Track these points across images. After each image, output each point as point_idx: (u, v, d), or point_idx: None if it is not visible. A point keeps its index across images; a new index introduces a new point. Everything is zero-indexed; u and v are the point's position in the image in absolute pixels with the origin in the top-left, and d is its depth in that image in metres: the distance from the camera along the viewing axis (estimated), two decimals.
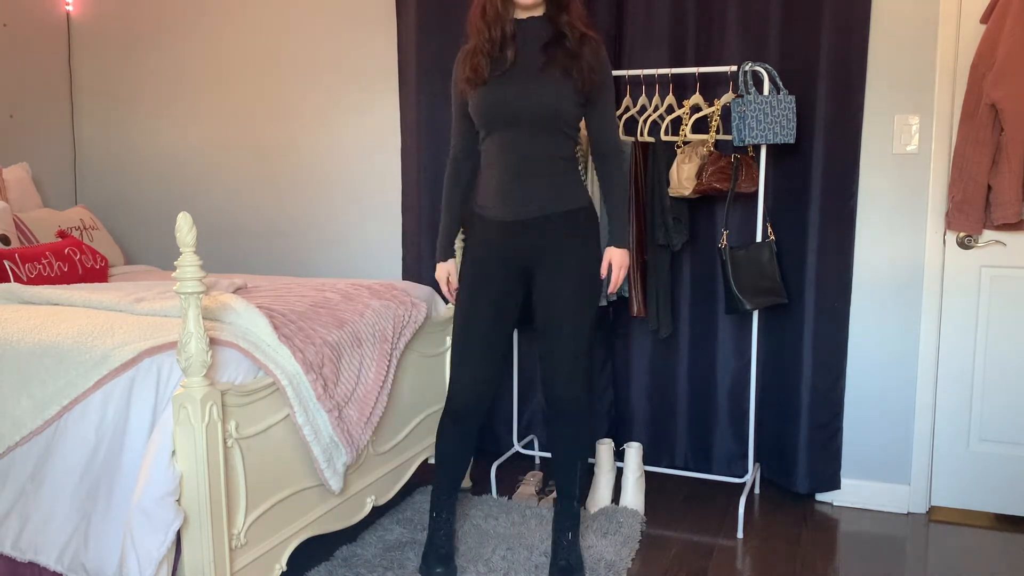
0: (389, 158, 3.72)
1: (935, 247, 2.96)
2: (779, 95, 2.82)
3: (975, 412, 3.00)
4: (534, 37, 2.29)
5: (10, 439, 2.09)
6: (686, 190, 2.92)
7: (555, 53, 2.26)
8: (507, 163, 2.29)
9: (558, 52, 2.25)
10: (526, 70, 2.27)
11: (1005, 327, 2.95)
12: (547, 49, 2.27)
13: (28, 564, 2.04)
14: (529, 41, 2.29)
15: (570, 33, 2.26)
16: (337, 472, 2.36)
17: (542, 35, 2.28)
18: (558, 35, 2.27)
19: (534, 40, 2.28)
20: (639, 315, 3.11)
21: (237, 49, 3.94)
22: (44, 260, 3.04)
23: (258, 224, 4.02)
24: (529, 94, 2.24)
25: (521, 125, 2.26)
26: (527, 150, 2.28)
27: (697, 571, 2.62)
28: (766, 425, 3.22)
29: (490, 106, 2.27)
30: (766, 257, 2.96)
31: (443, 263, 2.55)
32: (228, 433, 2.00)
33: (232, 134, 4.01)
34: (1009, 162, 2.71)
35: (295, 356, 2.21)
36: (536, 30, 2.29)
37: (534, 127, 2.26)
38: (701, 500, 3.17)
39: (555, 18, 2.27)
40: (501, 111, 2.26)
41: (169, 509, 1.86)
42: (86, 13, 4.20)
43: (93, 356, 2.06)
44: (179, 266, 1.89)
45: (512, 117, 2.26)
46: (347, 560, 2.60)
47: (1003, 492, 2.99)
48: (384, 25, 3.64)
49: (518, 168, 2.29)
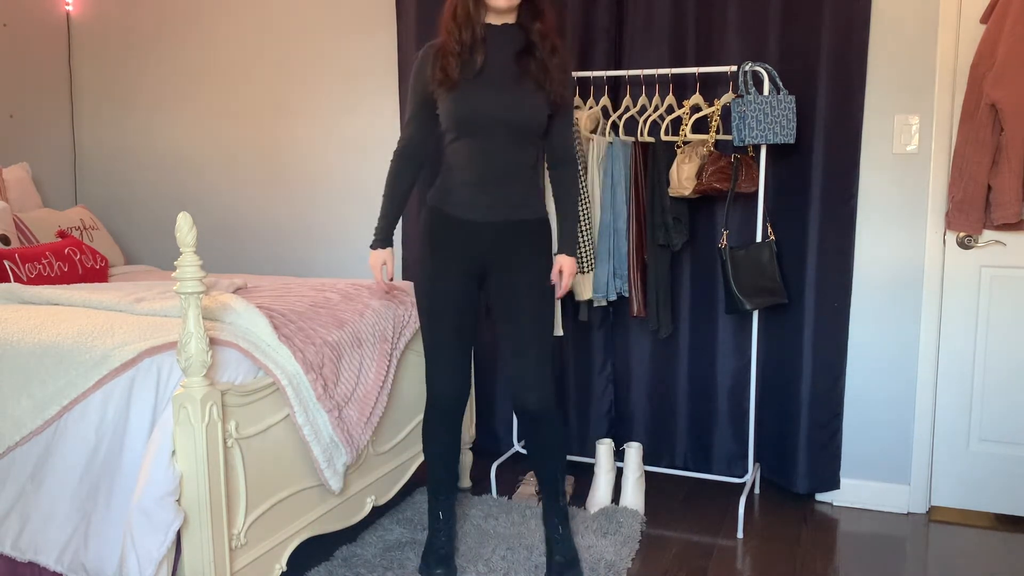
0: (389, 158, 3.70)
1: (935, 247, 2.96)
2: (779, 95, 2.82)
3: (975, 412, 3.00)
4: (505, 43, 2.28)
5: (10, 439, 2.09)
6: (686, 190, 2.92)
7: (528, 64, 2.27)
8: (477, 168, 2.29)
9: (531, 63, 2.26)
10: (500, 78, 2.26)
11: (1005, 327, 2.95)
12: (520, 59, 2.27)
13: (28, 564, 2.04)
14: (500, 47, 2.28)
15: (541, 44, 2.27)
16: (337, 472, 2.36)
17: (514, 43, 2.29)
18: (530, 44, 2.28)
19: (505, 47, 2.28)
20: (639, 315, 3.11)
21: (237, 49, 3.94)
22: (44, 260, 3.04)
23: (258, 224, 4.02)
24: (507, 104, 2.25)
25: (496, 134, 2.27)
26: (498, 157, 2.29)
27: (697, 571, 2.62)
28: (766, 425, 3.22)
29: (466, 112, 2.26)
30: (766, 257, 2.96)
31: (382, 250, 2.50)
32: (228, 433, 2.00)
33: (232, 134, 4.01)
34: (1009, 162, 2.71)
35: (295, 356, 2.21)
36: (508, 37, 2.29)
37: (509, 136, 2.27)
38: (701, 500, 3.17)
39: (528, 26, 2.28)
40: (478, 119, 2.26)
41: (169, 509, 1.86)
42: (86, 13, 4.20)
43: (93, 356, 2.06)
44: (179, 266, 1.89)
45: (489, 125, 2.26)
46: (347, 560, 2.60)
47: (1003, 492, 2.99)
48: (384, 25, 3.64)
49: (488, 174, 2.30)
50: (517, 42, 2.29)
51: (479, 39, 2.25)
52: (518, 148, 2.30)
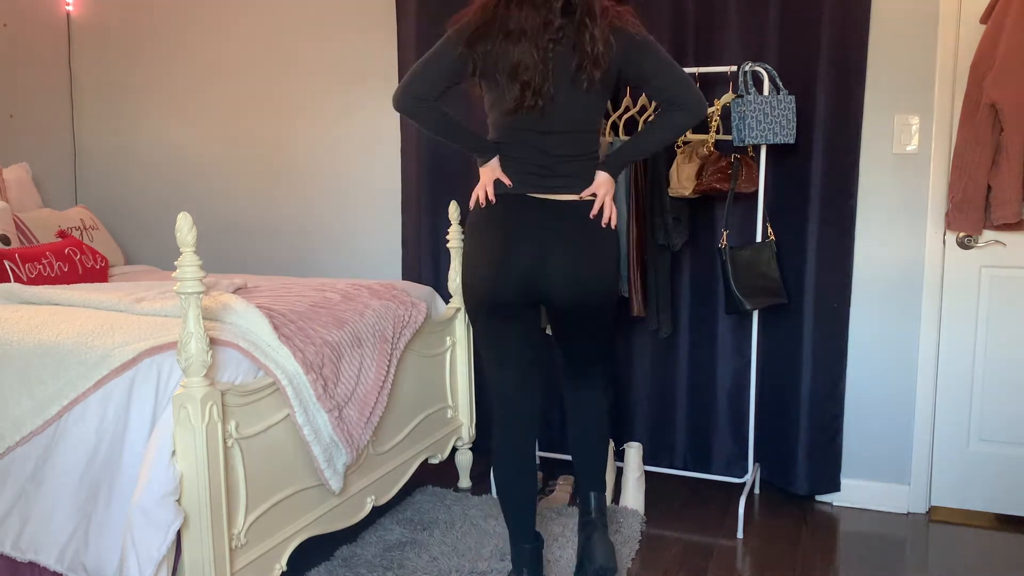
0: (389, 158, 3.72)
1: (935, 247, 2.96)
2: (779, 95, 2.82)
3: (975, 412, 3.00)
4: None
5: (10, 439, 2.09)
6: (686, 190, 2.92)
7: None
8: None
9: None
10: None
11: (1005, 327, 2.95)
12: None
13: (28, 564, 2.04)
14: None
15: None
16: (337, 472, 2.36)
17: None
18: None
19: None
20: (639, 315, 3.11)
21: (237, 49, 3.94)
22: (44, 260, 3.04)
23: (258, 224, 4.02)
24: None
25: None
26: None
27: (697, 571, 2.62)
28: (766, 426, 3.22)
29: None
30: (766, 257, 2.96)
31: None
32: (228, 433, 2.00)
33: (232, 134, 4.01)
34: (1009, 162, 2.71)
35: (295, 356, 2.21)
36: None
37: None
38: (701, 500, 3.17)
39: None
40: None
41: (169, 509, 1.86)
42: (86, 13, 4.20)
43: (93, 356, 2.06)
44: (179, 266, 1.89)
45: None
46: (347, 560, 2.60)
47: (1003, 492, 2.99)
48: (384, 25, 3.64)
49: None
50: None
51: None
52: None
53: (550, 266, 2.20)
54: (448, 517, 2.91)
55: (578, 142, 2.24)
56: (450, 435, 3.17)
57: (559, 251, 2.20)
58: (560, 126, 2.21)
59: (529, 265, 2.20)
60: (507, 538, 2.52)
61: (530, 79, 2.13)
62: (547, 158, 2.22)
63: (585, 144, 2.26)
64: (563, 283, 2.21)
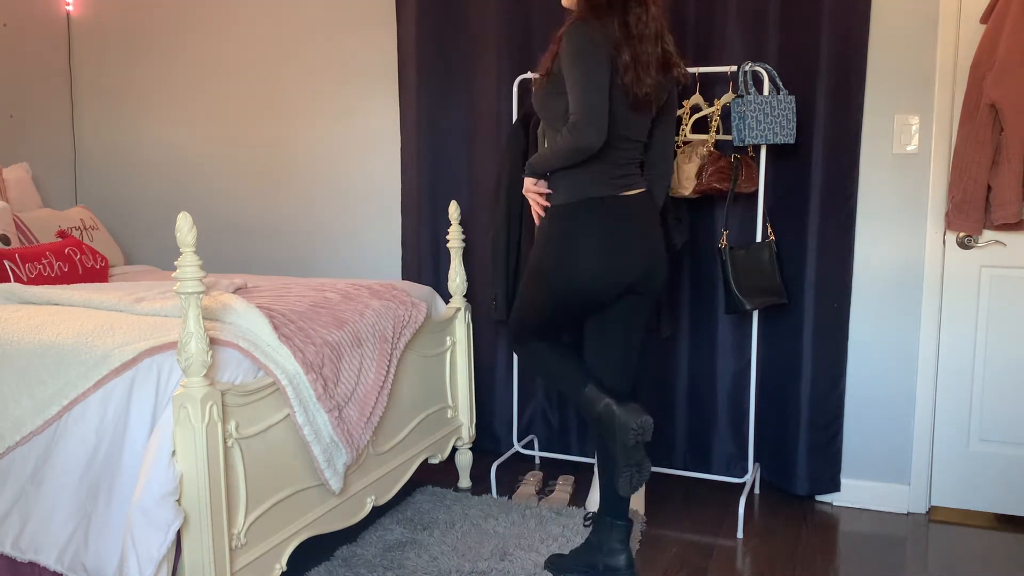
0: (389, 158, 3.72)
1: (935, 247, 2.96)
2: (779, 95, 2.82)
3: (975, 412, 3.00)
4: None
5: (10, 439, 2.09)
6: (686, 190, 2.92)
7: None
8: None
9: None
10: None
11: (1005, 327, 2.95)
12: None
13: (28, 564, 2.04)
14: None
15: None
16: (337, 472, 2.36)
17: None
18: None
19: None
20: None
21: (237, 49, 3.94)
22: (44, 260, 3.04)
23: (258, 224, 4.02)
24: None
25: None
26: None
27: (697, 571, 2.62)
28: (766, 426, 3.22)
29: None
30: (766, 257, 2.96)
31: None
32: (228, 433, 2.00)
33: (232, 134, 4.01)
34: (1009, 162, 2.71)
35: (295, 356, 2.21)
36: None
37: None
38: (701, 500, 3.17)
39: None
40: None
41: (169, 509, 1.86)
42: (86, 13, 4.20)
43: (93, 356, 2.06)
44: (179, 266, 1.89)
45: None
46: (347, 560, 2.60)
47: (1003, 492, 2.99)
48: (384, 25, 3.65)
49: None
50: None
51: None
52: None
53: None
54: (448, 517, 2.91)
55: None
56: (450, 435, 3.17)
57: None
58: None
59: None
60: (507, 538, 2.51)
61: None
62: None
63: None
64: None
